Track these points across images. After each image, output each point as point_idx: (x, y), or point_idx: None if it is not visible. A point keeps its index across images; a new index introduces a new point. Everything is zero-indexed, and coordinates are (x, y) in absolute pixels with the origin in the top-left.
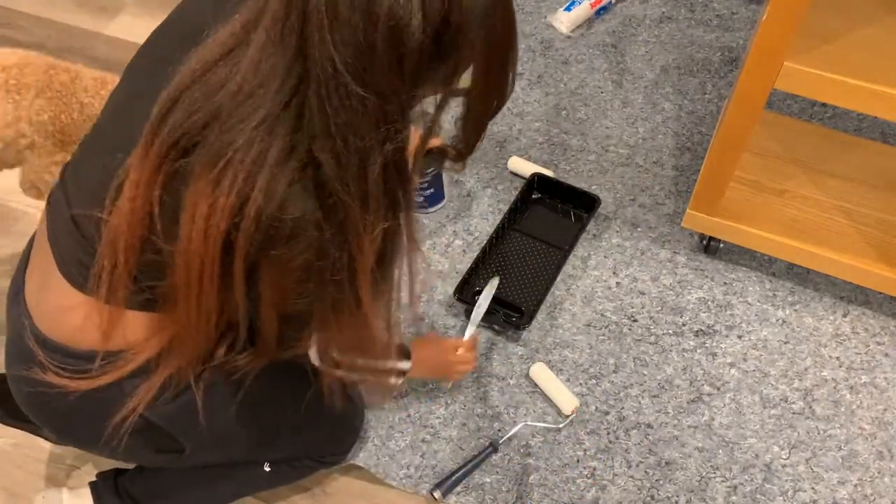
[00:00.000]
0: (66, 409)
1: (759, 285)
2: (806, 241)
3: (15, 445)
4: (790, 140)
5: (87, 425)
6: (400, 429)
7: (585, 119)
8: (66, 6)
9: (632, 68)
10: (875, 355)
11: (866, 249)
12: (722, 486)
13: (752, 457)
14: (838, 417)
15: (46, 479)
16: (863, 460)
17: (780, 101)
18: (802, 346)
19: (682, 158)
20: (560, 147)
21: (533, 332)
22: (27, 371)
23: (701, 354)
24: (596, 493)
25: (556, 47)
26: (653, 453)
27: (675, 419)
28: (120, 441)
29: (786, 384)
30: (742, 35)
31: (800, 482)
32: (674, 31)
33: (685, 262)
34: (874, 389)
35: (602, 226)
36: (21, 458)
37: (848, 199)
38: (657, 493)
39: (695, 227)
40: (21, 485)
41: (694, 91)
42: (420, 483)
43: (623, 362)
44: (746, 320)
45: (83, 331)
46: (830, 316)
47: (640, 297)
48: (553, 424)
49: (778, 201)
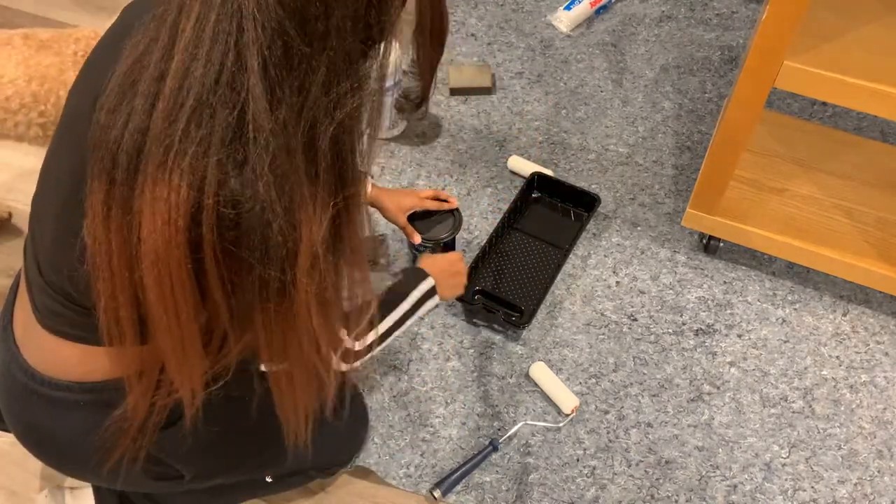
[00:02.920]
0: (61, 444)
1: (759, 284)
2: (806, 240)
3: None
4: (790, 139)
5: (82, 459)
6: (400, 428)
7: (585, 118)
8: (65, 5)
9: (632, 67)
10: (875, 354)
11: (866, 248)
12: (722, 485)
13: (751, 456)
14: (838, 416)
15: (47, 478)
16: (862, 459)
17: (780, 100)
18: (802, 346)
19: (682, 157)
20: (560, 146)
21: (533, 332)
22: (19, 405)
23: (701, 353)
24: (596, 492)
25: (555, 46)
26: (653, 452)
27: (674, 418)
28: (117, 472)
29: (786, 383)
30: (742, 34)
31: (799, 481)
32: (674, 30)
33: (685, 262)
34: (874, 388)
35: (602, 225)
36: (21, 458)
37: (848, 198)
38: (657, 493)
39: (695, 226)
40: (21, 484)
41: (694, 90)
42: (420, 482)
43: (623, 361)
44: (746, 319)
45: (70, 366)
46: (830, 315)
47: (640, 296)
48: (553, 423)
49: (778, 200)
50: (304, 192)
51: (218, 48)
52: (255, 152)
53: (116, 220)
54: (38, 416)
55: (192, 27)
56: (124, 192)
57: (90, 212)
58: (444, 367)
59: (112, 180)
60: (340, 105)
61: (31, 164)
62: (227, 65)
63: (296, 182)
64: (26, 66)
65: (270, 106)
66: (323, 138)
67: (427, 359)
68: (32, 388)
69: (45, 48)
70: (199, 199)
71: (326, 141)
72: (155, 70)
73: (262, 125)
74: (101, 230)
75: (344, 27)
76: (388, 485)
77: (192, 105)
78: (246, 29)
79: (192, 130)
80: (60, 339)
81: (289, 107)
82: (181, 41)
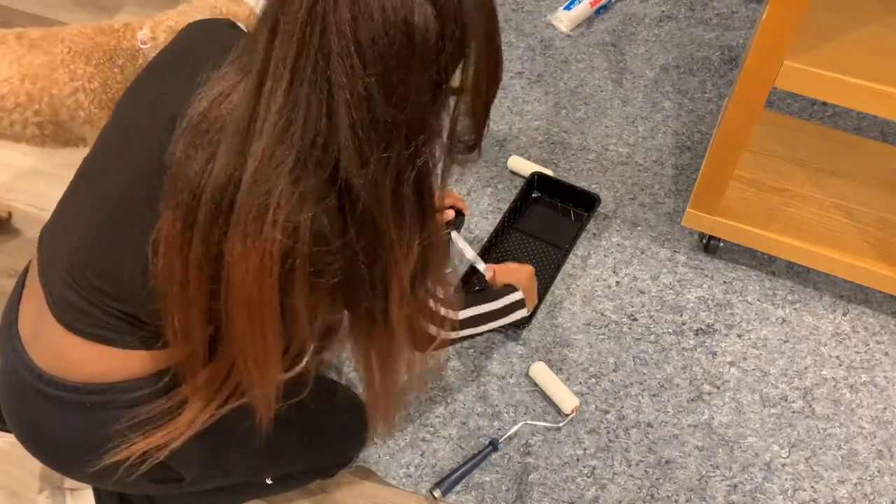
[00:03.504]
0: (61, 444)
1: (759, 284)
2: (806, 239)
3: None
4: (790, 139)
5: (81, 460)
6: (400, 427)
7: (585, 118)
8: (65, 5)
9: (632, 67)
10: (875, 354)
11: (866, 248)
12: (722, 485)
13: (751, 455)
14: (838, 416)
15: (47, 478)
16: (862, 459)
17: (780, 99)
18: (802, 345)
19: (682, 157)
20: (560, 146)
21: (533, 331)
22: (21, 403)
23: (701, 353)
24: (596, 491)
25: (555, 46)
26: (652, 452)
27: (674, 418)
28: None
29: (785, 383)
30: (742, 34)
31: (799, 481)
32: (674, 29)
33: (685, 261)
34: (874, 388)
35: (602, 225)
36: (21, 457)
37: (848, 198)
38: (657, 492)
39: (695, 226)
40: (21, 484)
41: (694, 90)
42: (420, 482)
43: (623, 361)
44: (746, 319)
45: (81, 366)
46: (830, 315)
47: (640, 296)
48: (553, 423)
49: (778, 200)
50: (391, 235)
51: (312, 114)
52: (347, 206)
53: (196, 256)
54: (40, 416)
55: (283, 94)
56: (207, 231)
57: (164, 240)
58: (444, 367)
59: (194, 219)
60: (420, 154)
61: (30, 164)
62: (321, 129)
63: (384, 228)
64: (19, 65)
65: (360, 163)
66: (406, 185)
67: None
68: (37, 387)
69: (35, 47)
70: (292, 247)
71: (410, 187)
72: (240, 124)
73: (353, 182)
74: (178, 261)
75: (422, 88)
76: (389, 485)
77: (290, 166)
78: (336, 96)
79: (288, 189)
80: (77, 338)
81: (376, 162)
82: (273, 104)
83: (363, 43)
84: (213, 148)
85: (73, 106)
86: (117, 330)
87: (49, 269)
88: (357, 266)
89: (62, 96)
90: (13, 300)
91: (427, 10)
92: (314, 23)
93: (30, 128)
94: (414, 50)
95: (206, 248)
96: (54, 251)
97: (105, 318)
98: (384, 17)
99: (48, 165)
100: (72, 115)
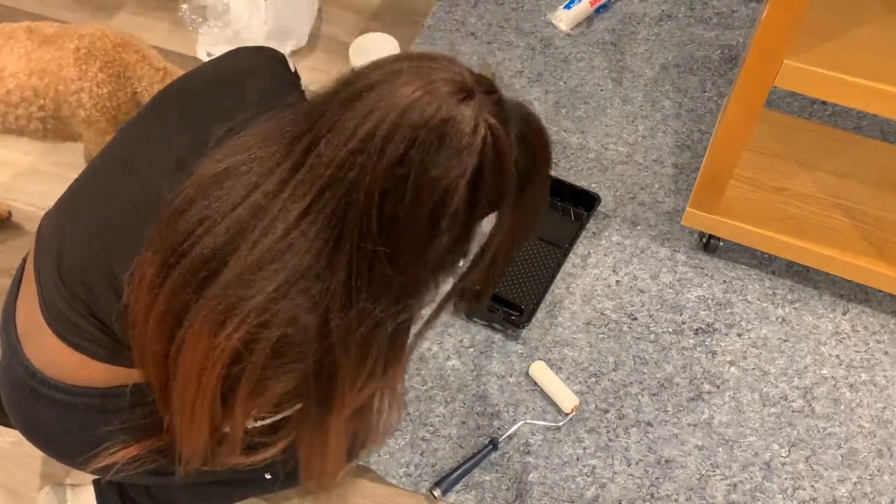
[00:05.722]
0: (59, 441)
1: (759, 283)
2: (805, 238)
3: (15, 444)
4: (790, 138)
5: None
6: (399, 427)
7: (585, 117)
8: (65, 4)
9: (631, 66)
10: (875, 353)
11: (866, 247)
12: (721, 484)
13: (751, 455)
14: (838, 415)
15: (47, 477)
16: (862, 458)
17: (780, 98)
18: (802, 345)
19: (682, 156)
20: (559, 145)
21: (533, 331)
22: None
23: (700, 353)
24: (596, 491)
25: (555, 45)
26: (652, 451)
27: (674, 417)
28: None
29: (785, 382)
30: (742, 33)
31: (799, 480)
32: (673, 29)
33: (685, 261)
34: (874, 387)
35: (602, 224)
36: (21, 457)
37: (847, 197)
38: (657, 492)
39: (694, 225)
40: (22, 483)
41: (694, 89)
42: (420, 481)
43: (623, 360)
44: (746, 318)
45: (71, 369)
46: (830, 314)
47: (640, 295)
48: (553, 423)
49: (777, 199)
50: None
51: (314, 249)
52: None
53: (159, 310)
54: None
55: (295, 217)
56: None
57: (139, 277)
58: (444, 366)
59: (167, 273)
60: (406, 310)
61: (31, 163)
62: (316, 266)
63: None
64: (28, 61)
65: (343, 307)
66: (381, 336)
67: (426, 358)
68: (32, 385)
69: (48, 43)
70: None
71: (384, 338)
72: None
73: (329, 317)
74: (146, 303)
75: (426, 263)
76: (388, 484)
77: (275, 286)
78: (342, 248)
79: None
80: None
81: (359, 311)
82: (281, 221)
83: (385, 214)
84: (211, 216)
85: (75, 104)
86: (101, 344)
87: (42, 265)
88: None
89: (67, 92)
90: (11, 294)
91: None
92: (351, 168)
93: (33, 122)
94: (437, 229)
95: (169, 306)
96: (52, 249)
97: (89, 329)
98: (414, 197)
99: (48, 164)
100: (72, 112)
